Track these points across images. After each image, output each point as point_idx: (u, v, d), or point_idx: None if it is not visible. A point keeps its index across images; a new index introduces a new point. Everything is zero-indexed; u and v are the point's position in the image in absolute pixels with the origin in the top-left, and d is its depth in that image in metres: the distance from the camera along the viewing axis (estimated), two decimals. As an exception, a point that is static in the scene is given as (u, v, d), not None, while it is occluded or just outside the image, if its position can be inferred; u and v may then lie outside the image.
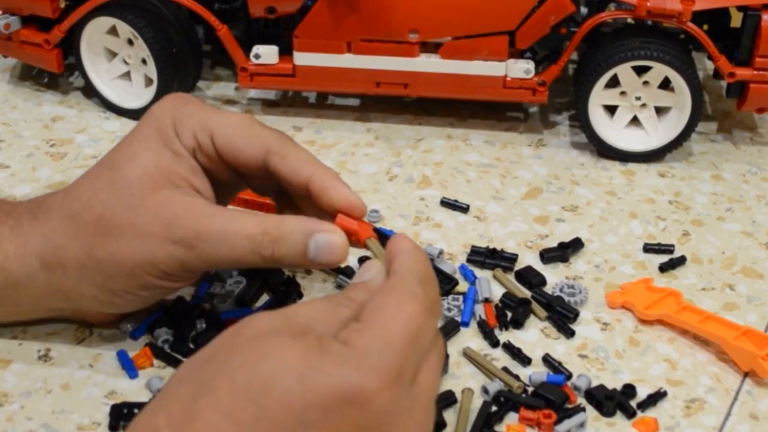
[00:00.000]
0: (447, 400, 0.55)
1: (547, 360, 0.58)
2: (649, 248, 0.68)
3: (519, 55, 0.77)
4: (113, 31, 0.78)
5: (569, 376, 0.57)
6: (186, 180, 0.54)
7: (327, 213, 0.53)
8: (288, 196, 0.57)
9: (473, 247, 0.66)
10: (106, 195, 0.53)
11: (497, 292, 0.63)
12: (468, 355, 0.58)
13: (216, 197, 0.56)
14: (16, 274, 0.54)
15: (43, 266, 0.54)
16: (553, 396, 0.55)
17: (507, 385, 0.56)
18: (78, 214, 0.54)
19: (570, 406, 0.55)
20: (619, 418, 0.55)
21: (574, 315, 0.61)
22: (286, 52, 0.77)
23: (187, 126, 0.55)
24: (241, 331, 0.43)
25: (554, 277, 0.65)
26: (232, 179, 0.57)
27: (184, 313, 0.59)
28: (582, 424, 0.54)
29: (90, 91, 0.82)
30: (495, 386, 0.55)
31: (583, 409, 0.55)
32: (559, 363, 0.58)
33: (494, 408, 0.55)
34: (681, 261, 0.67)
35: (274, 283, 0.62)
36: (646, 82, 0.75)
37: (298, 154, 0.55)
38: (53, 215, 0.54)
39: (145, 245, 0.52)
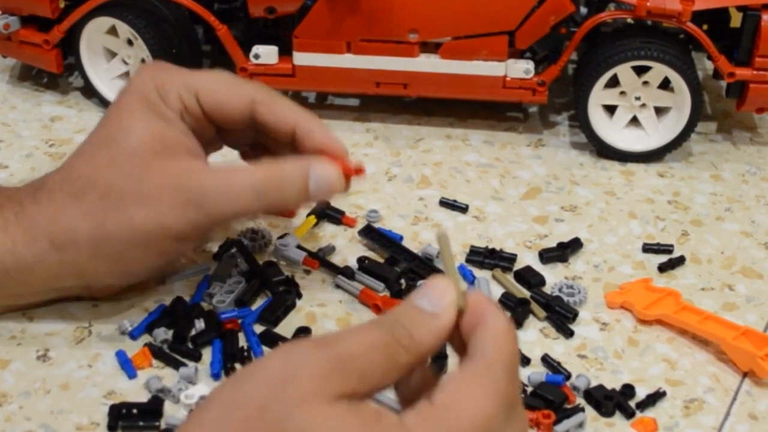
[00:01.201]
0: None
1: (546, 360, 0.58)
2: (648, 248, 0.68)
3: (519, 55, 0.77)
4: (113, 31, 0.78)
5: (568, 376, 0.57)
6: (179, 143, 0.56)
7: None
8: (261, 147, 0.60)
9: (472, 247, 0.66)
10: (108, 171, 0.55)
11: (496, 292, 0.63)
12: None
13: None
14: (27, 258, 0.55)
15: (53, 247, 0.55)
16: (551, 396, 0.55)
17: None
18: (82, 193, 0.55)
19: (569, 406, 0.55)
20: (618, 418, 0.55)
21: (573, 315, 0.61)
22: (285, 52, 0.77)
23: (171, 89, 0.56)
24: (289, 387, 0.38)
25: (553, 277, 0.65)
26: (211, 138, 0.59)
27: (183, 313, 0.59)
28: (581, 425, 0.54)
29: (89, 91, 0.82)
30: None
31: (582, 410, 0.55)
32: (558, 363, 0.58)
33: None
34: (680, 261, 0.66)
35: (273, 283, 0.62)
36: (645, 82, 0.75)
37: (282, 101, 0.58)
38: (56, 196, 0.55)
39: (154, 212, 0.54)
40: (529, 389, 0.56)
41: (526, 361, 0.58)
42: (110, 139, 0.56)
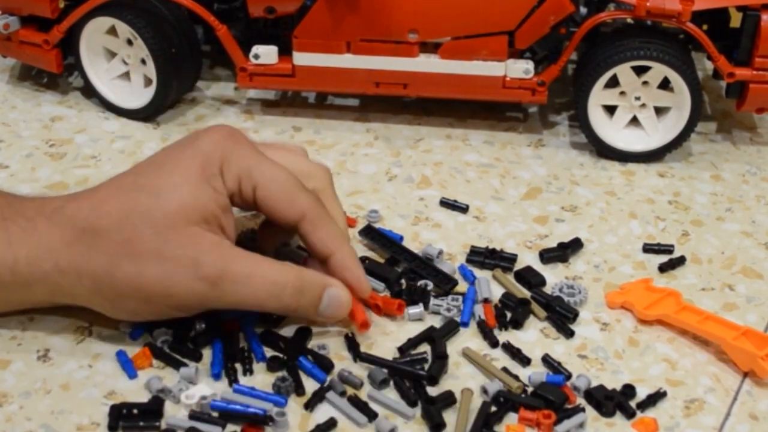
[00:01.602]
0: (447, 400, 0.55)
1: (547, 360, 0.58)
2: (648, 248, 0.68)
3: (518, 55, 0.77)
4: (112, 31, 0.78)
5: (569, 377, 0.57)
6: (216, 218, 0.55)
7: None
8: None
9: (473, 247, 0.66)
10: (139, 220, 0.54)
11: (497, 292, 0.63)
12: (467, 355, 0.58)
13: None
14: (27, 276, 0.55)
15: (56, 270, 0.54)
16: (552, 396, 0.55)
17: (506, 385, 0.56)
18: (106, 231, 0.54)
19: (569, 406, 0.55)
20: (618, 418, 0.55)
21: (574, 315, 0.61)
22: (285, 52, 0.77)
23: (234, 170, 0.56)
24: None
25: (554, 277, 0.65)
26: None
27: (184, 314, 0.59)
28: (581, 425, 0.54)
29: (89, 91, 0.82)
30: (494, 386, 0.55)
31: (583, 410, 0.55)
32: (559, 363, 0.58)
33: (494, 408, 0.55)
34: (680, 261, 0.66)
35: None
36: (645, 82, 0.75)
37: (328, 226, 0.58)
38: (76, 224, 0.55)
39: (167, 276, 0.54)
40: (530, 389, 0.56)
41: (526, 361, 0.58)
42: (154, 190, 0.55)
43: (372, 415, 0.54)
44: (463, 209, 0.71)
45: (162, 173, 0.56)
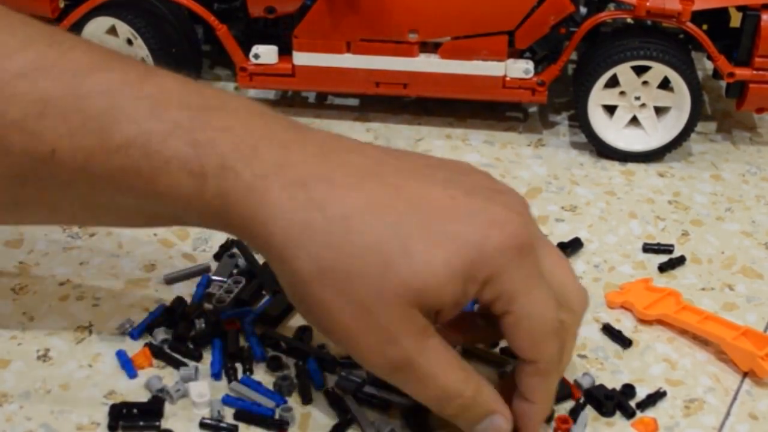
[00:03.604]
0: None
1: (547, 360, 0.58)
2: (648, 248, 0.68)
3: (518, 55, 0.77)
4: (113, 31, 0.78)
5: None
6: (442, 309, 0.48)
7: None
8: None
9: (473, 247, 0.66)
10: (365, 269, 0.47)
11: (497, 292, 0.63)
12: (470, 351, 0.58)
13: None
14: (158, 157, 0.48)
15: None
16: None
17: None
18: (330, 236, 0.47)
19: (572, 404, 0.55)
20: (618, 418, 0.55)
21: (574, 315, 0.61)
22: (285, 51, 0.77)
23: (498, 288, 0.48)
24: None
25: (554, 277, 0.65)
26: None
27: (184, 313, 0.59)
28: (585, 424, 0.54)
29: (89, 91, 0.82)
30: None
31: (584, 405, 0.55)
32: (559, 363, 0.58)
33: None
34: (680, 261, 0.66)
35: (273, 283, 0.62)
36: (645, 82, 0.75)
37: (547, 383, 0.51)
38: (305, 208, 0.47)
39: (356, 332, 0.48)
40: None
41: (526, 361, 0.58)
42: (411, 239, 0.47)
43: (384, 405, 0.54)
44: (463, 209, 0.71)
45: (433, 216, 0.47)
